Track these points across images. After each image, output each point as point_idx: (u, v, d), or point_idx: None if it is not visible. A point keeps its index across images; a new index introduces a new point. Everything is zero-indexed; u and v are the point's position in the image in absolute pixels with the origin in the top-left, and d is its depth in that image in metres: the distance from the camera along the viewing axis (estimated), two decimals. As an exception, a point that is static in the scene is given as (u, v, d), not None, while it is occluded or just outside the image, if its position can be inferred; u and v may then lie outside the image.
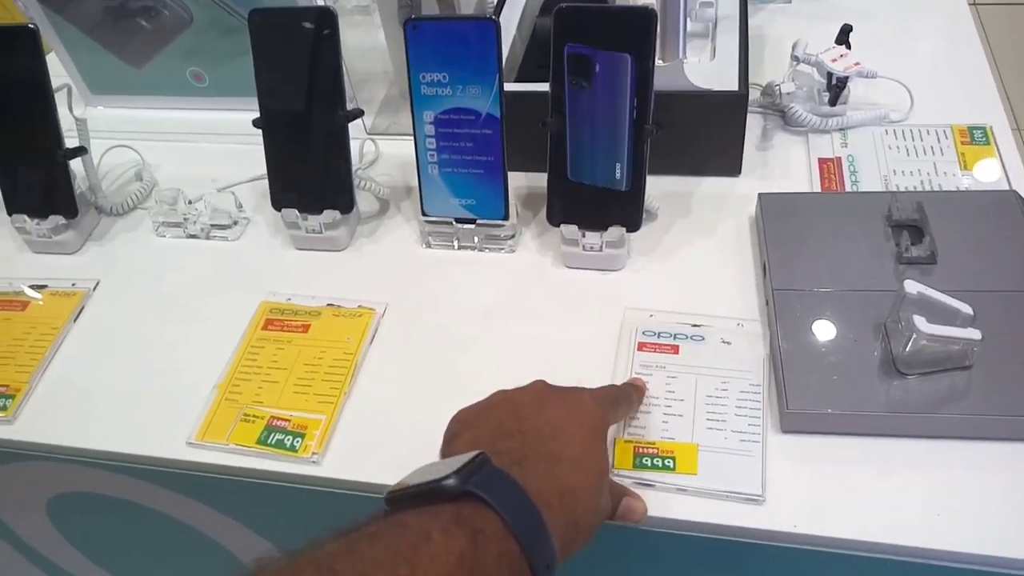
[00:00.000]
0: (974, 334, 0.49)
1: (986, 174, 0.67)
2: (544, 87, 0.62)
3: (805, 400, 0.51)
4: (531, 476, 0.39)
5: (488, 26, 0.60)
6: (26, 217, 0.71)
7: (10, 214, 0.72)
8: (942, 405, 0.50)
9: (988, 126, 0.70)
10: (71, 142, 0.71)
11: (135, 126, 0.85)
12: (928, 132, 0.71)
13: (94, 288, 0.69)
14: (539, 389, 0.46)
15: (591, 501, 0.42)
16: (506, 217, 0.66)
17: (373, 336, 0.61)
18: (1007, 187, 0.65)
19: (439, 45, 0.61)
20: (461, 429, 0.44)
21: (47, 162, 0.70)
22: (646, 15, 0.57)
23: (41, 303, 0.68)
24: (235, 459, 0.55)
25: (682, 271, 0.63)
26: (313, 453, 0.54)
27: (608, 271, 0.64)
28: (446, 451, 0.43)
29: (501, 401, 0.45)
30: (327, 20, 0.63)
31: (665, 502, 0.50)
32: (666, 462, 0.51)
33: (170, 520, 0.63)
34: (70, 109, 0.73)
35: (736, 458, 0.51)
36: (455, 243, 0.68)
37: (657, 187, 0.67)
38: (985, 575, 0.46)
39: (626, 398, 0.52)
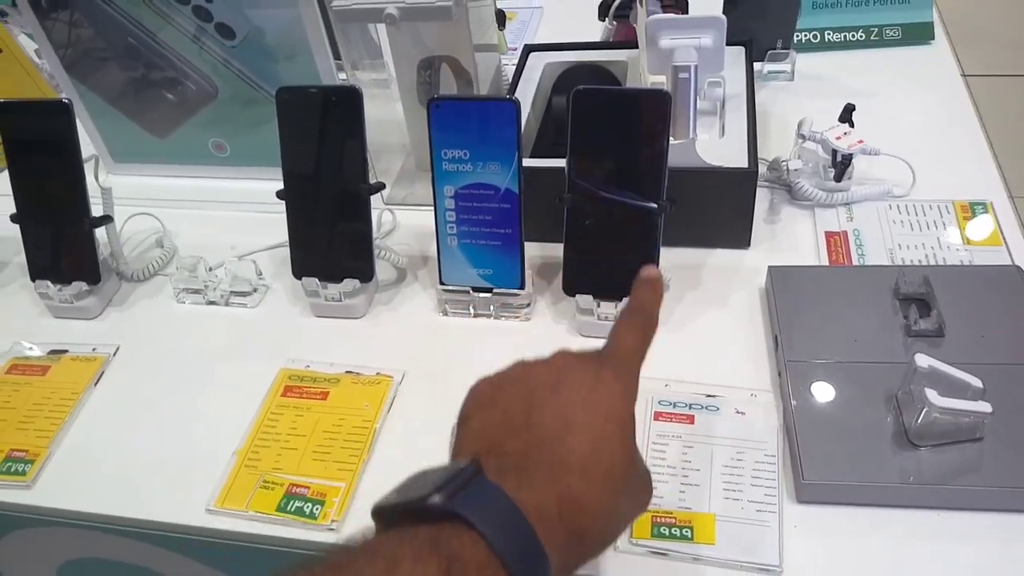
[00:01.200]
0: (985, 407, 0.51)
1: (988, 248, 0.68)
2: (560, 163, 0.64)
3: (820, 471, 0.52)
4: (530, 484, 0.36)
5: (509, 107, 0.62)
6: (49, 283, 0.73)
7: (33, 279, 0.73)
8: (955, 477, 0.51)
9: (988, 202, 0.73)
10: (96, 210, 0.73)
11: (156, 194, 0.88)
12: (931, 207, 0.73)
13: (114, 353, 0.70)
14: (559, 365, 0.42)
15: (599, 508, 0.38)
16: (522, 286, 0.67)
17: (392, 403, 0.62)
18: (1009, 261, 0.67)
19: (461, 123, 0.63)
20: (473, 411, 0.41)
21: (73, 230, 0.72)
22: (660, 97, 0.60)
23: (61, 368, 0.69)
24: (254, 526, 0.55)
25: (695, 342, 0.65)
26: (332, 520, 0.54)
27: (622, 341, 0.65)
28: (456, 436, 0.41)
29: (517, 379, 0.42)
30: (352, 98, 0.66)
31: (682, 572, 0.50)
32: (684, 531, 0.52)
33: (184, 588, 0.63)
34: (96, 178, 0.75)
35: (753, 528, 0.51)
36: (471, 311, 0.69)
37: (669, 259, 0.69)
38: (1004, 650, 0.46)
39: (650, 325, 0.46)
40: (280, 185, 0.69)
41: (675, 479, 0.55)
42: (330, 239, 0.69)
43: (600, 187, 0.63)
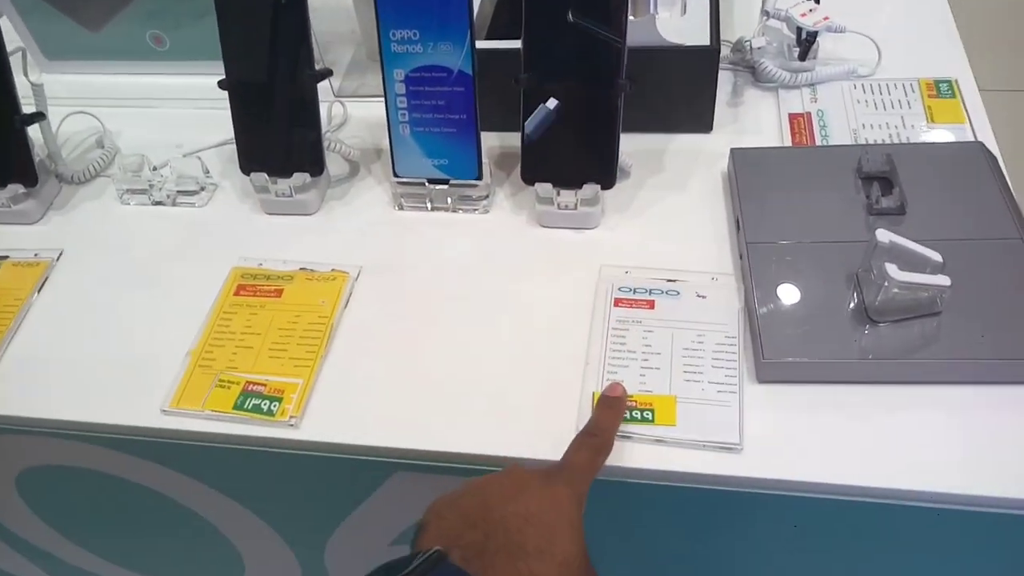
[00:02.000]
0: (943, 280, 0.50)
1: (952, 126, 0.67)
2: (515, 44, 0.61)
3: (780, 349, 0.52)
4: (491, 569, 0.39)
5: (458, -19, 0.59)
6: (-17, 187, 0.69)
7: (-34, 184, 0.70)
8: (913, 351, 0.51)
9: (954, 79, 0.71)
10: (28, 109, 0.69)
11: (94, 92, 0.83)
12: (896, 86, 0.71)
13: (58, 258, 0.67)
14: (515, 478, 0.45)
15: None
16: (480, 177, 0.65)
17: (348, 299, 0.61)
18: (972, 139, 0.66)
19: (409, 1, 0.60)
20: (432, 519, 0.43)
21: (3, 129, 0.68)
22: (617, -32, 0.57)
23: (2, 274, 0.66)
24: (211, 425, 0.54)
25: (656, 227, 0.64)
26: (291, 417, 0.54)
27: (583, 229, 0.64)
28: (416, 542, 0.42)
29: (473, 490, 0.44)
30: (292, -23, 0.62)
31: (645, 453, 0.50)
32: (645, 414, 0.52)
33: (145, 490, 0.62)
34: (25, 75, 0.71)
35: (714, 408, 0.51)
36: (428, 204, 0.67)
37: (629, 144, 0.67)
38: (953, 513, 0.47)
39: (604, 447, 0.49)
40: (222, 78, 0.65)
41: (635, 363, 0.54)
42: (277, 131, 0.66)
43: (558, 67, 0.60)
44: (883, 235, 0.52)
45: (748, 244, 0.58)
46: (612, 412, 0.50)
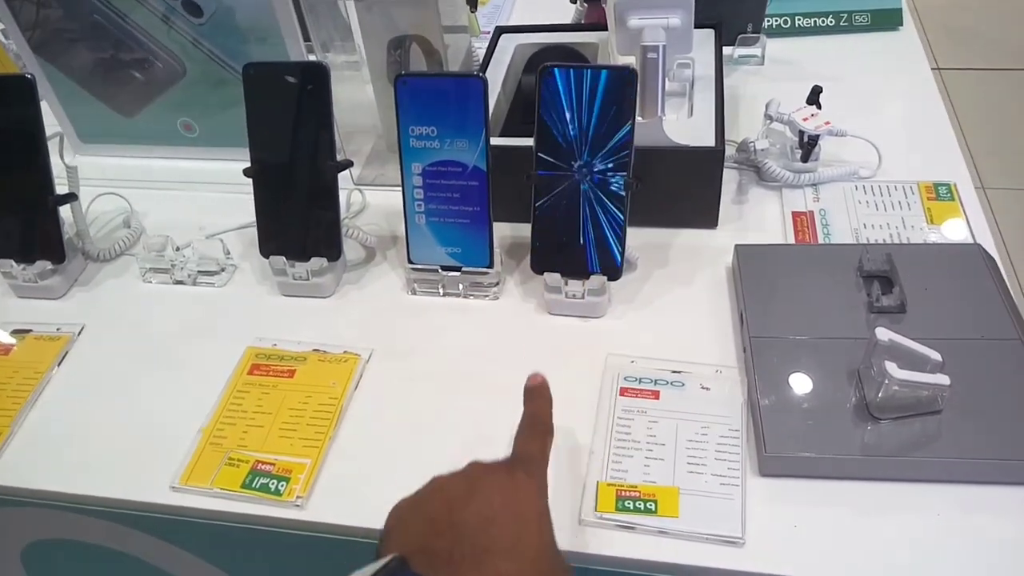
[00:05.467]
0: (943, 379, 0.51)
1: (951, 229, 0.69)
2: (528, 142, 0.64)
3: (782, 444, 0.53)
4: (459, 574, 0.39)
5: (476, 83, 0.62)
6: (12, 262, 0.72)
7: (-4, 258, 0.72)
8: (914, 449, 0.52)
9: (952, 183, 0.74)
10: (61, 189, 0.72)
11: (124, 174, 0.87)
12: (896, 188, 0.74)
13: (79, 333, 0.69)
14: (473, 475, 0.44)
15: None
16: (491, 265, 0.67)
17: (359, 381, 0.62)
18: (971, 241, 0.68)
19: (428, 100, 0.63)
20: (395, 525, 0.43)
21: (37, 208, 0.71)
22: (626, 74, 0.60)
23: (25, 348, 0.68)
24: (219, 503, 0.55)
25: (662, 319, 0.65)
26: (298, 497, 0.54)
27: (590, 318, 0.66)
28: (381, 548, 0.42)
29: (435, 491, 0.44)
30: (319, 74, 0.65)
31: (647, 544, 0.50)
32: (648, 505, 0.52)
33: (149, 567, 0.62)
34: (61, 157, 0.74)
35: (716, 501, 0.52)
36: (440, 290, 0.69)
37: (637, 238, 0.69)
38: (959, 617, 0.47)
39: (548, 432, 0.49)
40: (248, 165, 0.69)
41: (640, 454, 0.55)
42: (297, 217, 0.69)
43: (567, 165, 0.63)
44: (883, 333, 0.53)
45: (751, 338, 0.59)
46: (542, 399, 0.50)
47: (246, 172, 0.69)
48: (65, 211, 0.73)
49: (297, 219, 0.69)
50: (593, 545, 0.50)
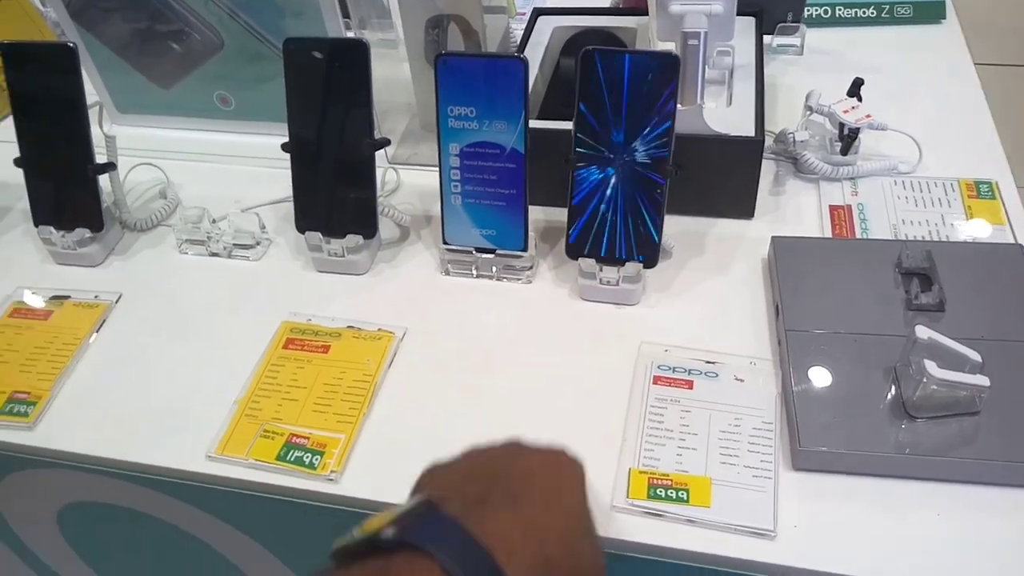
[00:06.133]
0: (983, 380, 0.51)
1: (992, 228, 0.69)
2: (567, 125, 0.64)
3: (816, 439, 0.53)
4: (492, 516, 0.37)
5: (516, 64, 0.62)
6: (52, 228, 0.73)
7: (36, 225, 0.73)
8: (951, 449, 0.51)
9: (994, 181, 0.73)
10: (100, 158, 0.73)
11: (160, 145, 0.87)
12: (936, 184, 0.73)
13: (116, 301, 0.70)
14: (515, 442, 0.44)
15: (563, 536, 0.38)
16: (525, 248, 0.67)
17: (392, 359, 0.63)
18: (1012, 240, 0.67)
19: (468, 80, 0.63)
20: (427, 477, 0.42)
21: (76, 176, 0.72)
22: (669, 60, 0.60)
23: (64, 314, 0.69)
24: (254, 474, 0.56)
25: (696, 308, 0.65)
26: (332, 471, 0.55)
27: (623, 305, 0.66)
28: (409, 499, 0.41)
29: (473, 452, 0.43)
30: (360, 51, 0.65)
31: (677, 533, 0.50)
32: (680, 494, 0.52)
33: (182, 534, 0.63)
34: (100, 126, 0.75)
35: (748, 493, 0.52)
36: (474, 271, 0.69)
37: (673, 227, 0.69)
38: (989, 617, 0.47)
39: None
40: (283, 140, 0.69)
41: (672, 443, 0.55)
42: (334, 194, 0.69)
43: (606, 150, 0.62)
44: (922, 331, 0.53)
45: (787, 331, 0.59)
46: None
47: (284, 147, 0.69)
48: (103, 180, 0.74)
49: (334, 196, 0.69)
50: (624, 531, 0.51)
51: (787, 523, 0.50)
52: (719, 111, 0.72)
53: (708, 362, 0.60)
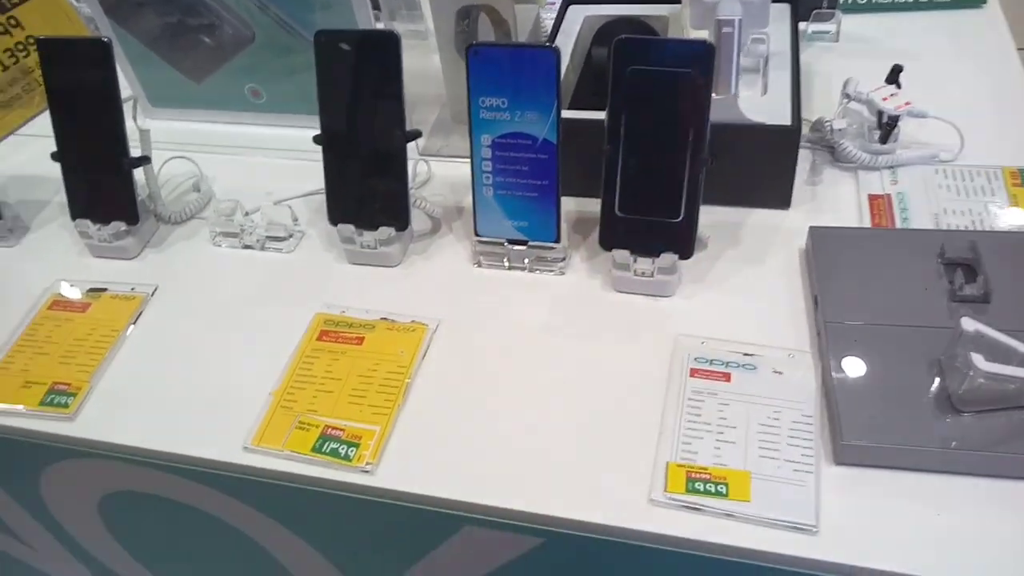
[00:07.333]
0: (1032, 373, 0.50)
1: (1037, 216, 0.67)
2: (599, 115, 0.63)
3: (860, 433, 0.52)
4: None
5: (548, 54, 0.61)
6: (89, 222, 0.73)
7: (73, 218, 0.74)
8: (998, 443, 0.50)
9: (1039, 169, 0.71)
10: (134, 152, 0.73)
11: (193, 139, 0.88)
12: (979, 173, 0.71)
13: (152, 293, 0.70)
14: None
15: None
16: (558, 240, 0.67)
17: (426, 351, 0.62)
18: (1058, 230, 0.65)
19: (500, 71, 0.63)
20: None
21: (112, 170, 0.72)
22: (705, 49, 0.59)
23: (101, 306, 0.69)
24: (290, 465, 0.56)
25: (732, 300, 0.64)
26: (367, 463, 0.55)
27: (658, 297, 0.65)
28: None
29: None
30: (391, 43, 0.65)
31: (717, 527, 0.50)
32: (719, 488, 0.52)
33: (220, 523, 0.64)
34: (135, 120, 0.75)
35: (789, 487, 0.51)
36: (506, 263, 0.69)
37: (707, 217, 0.68)
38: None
39: None
40: (315, 132, 0.69)
41: (710, 436, 0.54)
42: (366, 186, 0.69)
43: (641, 140, 0.62)
44: (968, 323, 0.52)
45: (826, 323, 0.58)
46: None
47: (316, 140, 0.69)
48: (137, 173, 0.74)
49: (366, 188, 0.69)
50: (663, 525, 0.50)
51: (829, 518, 0.49)
52: (754, 100, 0.71)
53: (746, 354, 0.59)
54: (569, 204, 0.72)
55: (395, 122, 0.67)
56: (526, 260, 0.69)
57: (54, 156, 0.73)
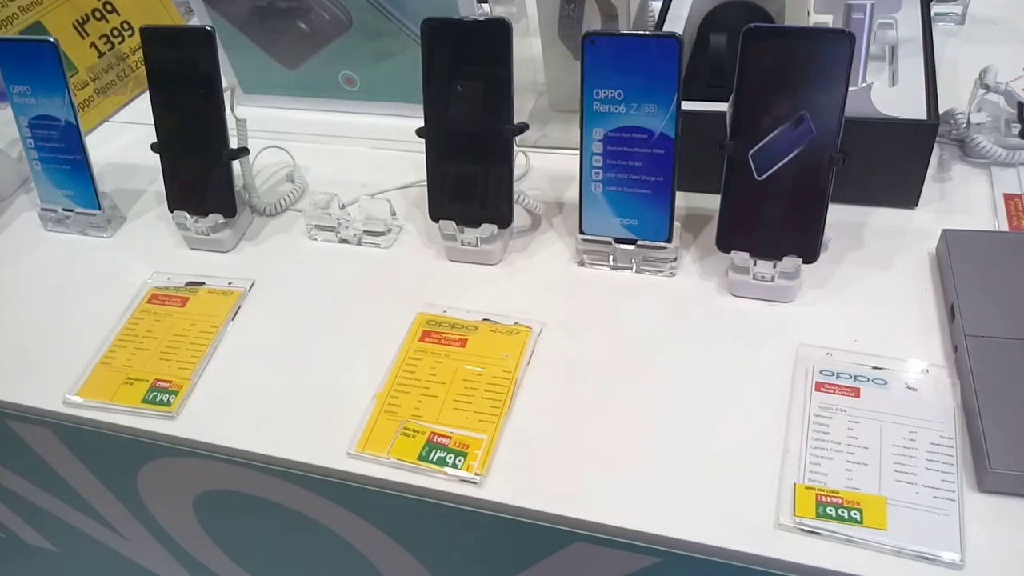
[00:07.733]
0: None
1: None
2: (721, 107, 0.60)
3: (1009, 459, 0.48)
4: None
5: (672, 44, 0.58)
6: (186, 214, 0.73)
7: (171, 210, 0.73)
8: None
9: None
10: (231, 142, 0.72)
11: (285, 127, 0.87)
12: None
13: (250, 288, 0.69)
14: None
15: None
16: (670, 239, 0.63)
17: (531, 355, 0.60)
18: None
19: (617, 62, 0.59)
20: None
21: (211, 161, 0.71)
22: (844, 38, 0.54)
23: (199, 300, 0.69)
24: (395, 473, 0.54)
25: (857, 308, 0.60)
26: (475, 473, 0.53)
27: (777, 302, 0.61)
28: None
29: None
30: (501, 31, 0.62)
31: (852, 557, 0.46)
32: (852, 514, 0.48)
33: (317, 526, 0.63)
34: (231, 109, 0.74)
35: (930, 516, 0.47)
36: (611, 262, 0.66)
37: (829, 216, 0.64)
38: None
39: None
40: (410, 121, 0.66)
41: (840, 456, 0.51)
42: (470, 181, 0.67)
43: (766, 134, 0.58)
44: None
45: (966, 336, 0.54)
46: None
47: (419, 132, 0.66)
48: (233, 163, 0.73)
49: (469, 183, 0.67)
50: (793, 553, 0.47)
51: (976, 552, 0.46)
52: (883, 91, 0.66)
53: (875, 367, 0.55)
54: (678, 199, 0.68)
55: (503, 115, 0.64)
56: (633, 261, 0.65)
57: (154, 147, 0.72)
